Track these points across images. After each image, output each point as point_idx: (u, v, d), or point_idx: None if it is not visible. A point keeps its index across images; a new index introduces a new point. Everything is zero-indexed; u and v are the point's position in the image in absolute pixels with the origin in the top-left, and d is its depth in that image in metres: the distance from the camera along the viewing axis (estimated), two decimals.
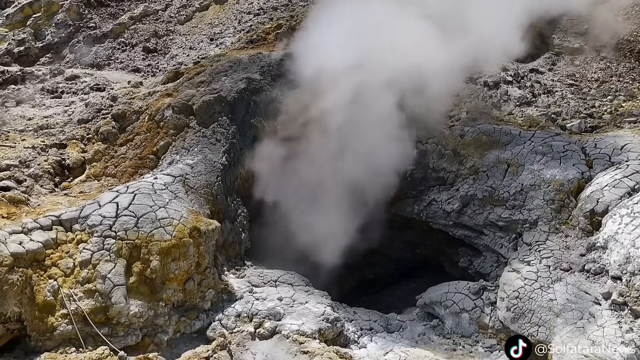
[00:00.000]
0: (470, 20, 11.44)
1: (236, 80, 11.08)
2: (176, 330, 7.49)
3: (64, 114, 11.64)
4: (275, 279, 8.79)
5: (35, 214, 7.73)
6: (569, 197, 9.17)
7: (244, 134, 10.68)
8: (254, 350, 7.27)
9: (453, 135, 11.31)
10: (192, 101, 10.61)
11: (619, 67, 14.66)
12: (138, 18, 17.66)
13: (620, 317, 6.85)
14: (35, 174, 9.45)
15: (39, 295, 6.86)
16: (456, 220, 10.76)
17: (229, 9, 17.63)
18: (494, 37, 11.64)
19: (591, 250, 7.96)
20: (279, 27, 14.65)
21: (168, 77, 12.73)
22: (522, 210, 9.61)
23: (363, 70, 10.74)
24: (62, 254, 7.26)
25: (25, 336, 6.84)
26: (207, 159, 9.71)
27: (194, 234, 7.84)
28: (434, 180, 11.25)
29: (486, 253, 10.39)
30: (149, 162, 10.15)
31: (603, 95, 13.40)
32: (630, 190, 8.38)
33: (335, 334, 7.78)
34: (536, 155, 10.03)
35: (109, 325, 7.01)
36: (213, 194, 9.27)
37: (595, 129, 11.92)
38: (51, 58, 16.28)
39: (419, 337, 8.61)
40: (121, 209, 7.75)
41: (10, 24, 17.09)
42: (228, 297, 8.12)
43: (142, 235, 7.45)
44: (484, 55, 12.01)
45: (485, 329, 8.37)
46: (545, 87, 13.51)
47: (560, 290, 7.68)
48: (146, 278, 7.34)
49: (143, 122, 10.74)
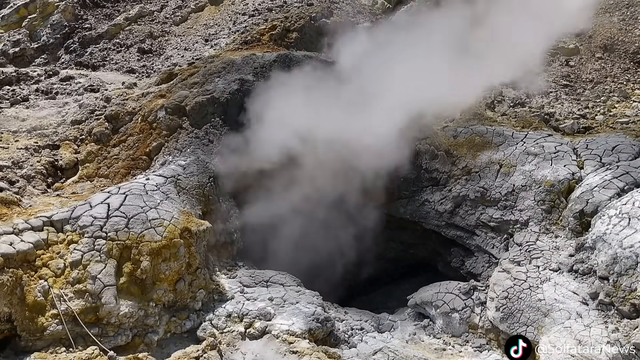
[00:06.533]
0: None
1: (229, 81, 11.13)
2: (167, 330, 7.52)
3: (57, 114, 11.67)
4: (267, 279, 8.81)
5: (26, 215, 7.76)
6: (559, 197, 9.22)
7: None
8: (243, 350, 7.30)
9: (446, 136, 11.35)
10: (185, 102, 10.65)
11: (614, 68, 14.72)
12: (133, 19, 17.70)
13: (607, 317, 6.89)
14: (27, 175, 9.48)
15: (29, 295, 6.90)
16: (448, 221, 10.80)
17: (224, 10, 17.69)
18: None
19: (580, 250, 8.01)
20: (274, 28, 14.73)
21: (162, 78, 12.77)
22: (514, 210, 9.66)
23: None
24: (52, 255, 7.29)
25: (15, 336, 6.87)
26: (200, 160, 9.75)
27: (184, 234, 7.88)
28: (427, 180, 11.29)
29: (478, 253, 10.43)
30: (141, 163, 10.19)
31: (597, 97, 13.44)
32: (619, 191, 8.43)
33: (325, 333, 7.80)
34: (528, 156, 10.09)
35: (99, 326, 7.04)
36: (205, 195, 9.30)
37: (588, 129, 11.96)
38: (46, 59, 16.33)
39: (409, 336, 8.64)
40: (112, 210, 7.79)
41: (5, 24, 17.12)
42: (219, 297, 8.14)
43: (133, 235, 7.49)
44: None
45: (475, 329, 8.40)
46: (539, 87, 13.54)
47: (549, 290, 7.72)
48: (136, 278, 7.37)
49: (136, 123, 10.78)
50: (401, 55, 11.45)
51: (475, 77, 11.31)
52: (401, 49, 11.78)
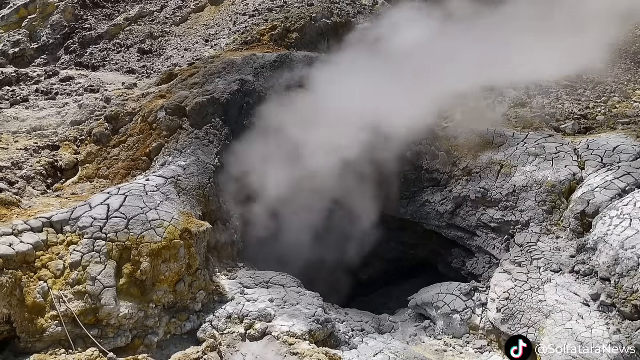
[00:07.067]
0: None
1: (229, 81, 11.10)
2: (166, 331, 7.50)
3: (57, 115, 11.64)
4: (267, 280, 8.78)
5: (26, 216, 7.73)
6: (560, 198, 9.20)
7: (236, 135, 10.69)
8: (243, 352, 7.28)
9: (447, 136, 11.33)
10: (185, 102, 10.63)
11: (614, 68, 14.70)
12: (133, 19, 17.69)
13: (608, 318, 6.86)
14: (27, 176, 9.45)
15: (28, 296, 6.87)
16: (449, 222, 10.79)
17: (224, 10, 17.67)
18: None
19: (581, 251, 7.98)
20: (274, 28, 14.70)
21: (162, 79, 12.75)
22: (514, 211, 9.64)
23: None
24: (52, 256, 7.25)
25: (14, 337, 6.84)
26: (200, 161, 9.73)
27: (184, 235, 7.85)
28: (427, 181, 11.28)
29: (479, 254, 10.41)
30: (141, 164, 10.16)
31: (597, 97, 13.41)
32: (620, 192, 8.40)
33: (325, 335, 7.78)
34: (529, 156, 10.07)
35: (98, 327, 7.02)
36: (205, 195, 9.28)
37: (589, 130, 11.93)
38: (46, 59, 16.32)
39: (410, 337, 8.63)
40: (112, 211, 7.76)
41: (5, 25, 17.11)
42: (219, 298, 8.12)
43: (132, 236, 7.46)
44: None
45: (475, 330, 8.38)
46: (540, 87, 13.51)
47: (550, 291, 7.70)
48: (136, 279, 7.34)
49: (136, 123, 10.75)
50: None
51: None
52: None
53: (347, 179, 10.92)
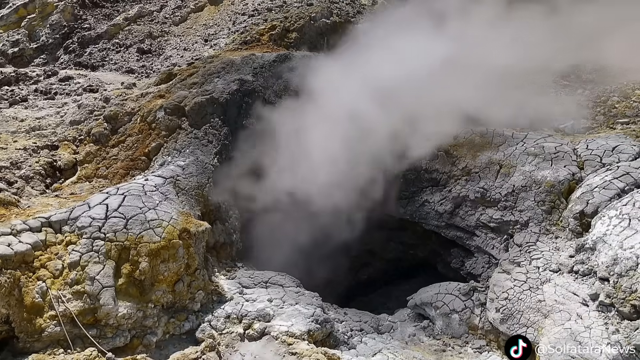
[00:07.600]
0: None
1: (228, 81, 11.10)
2: (165, 331, 7.49)
3: (56, 115, 11.64)
4: (266, 280, 8.78)
5: (24, 216, 7.72)
6: (559, 198, 9.19)
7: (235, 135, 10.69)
8: (242, 352, 7.27)
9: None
10: (184, 102, 10.62)
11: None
12: (133, 19, 17.68)
13: (607, 318, 6.85)
14: (26, 176, 9.44)
15: (27, 296, 6.86)
16: (448, 222, 10.78)
17: (223, 10, 17.66)
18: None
19: (580, 251, 7.97)
20: (273, 28, 14.70)
21: (161, 79, 12.75)
22: (514, 211, 9.62)
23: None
24: (51, 256, 7.25)
25: (13, 338, 6.84)
26: (199, 161, 9.73)
27: (183, 235, 7.85)
28: (426, 181, 11.27)
29: (478, 254, 10.40)
30: (140, 164, 10.16)
31: (597, 97, 13.40)
32: (619, 192, 8.38)
33: (324, 335, 7.78)
34: (528, 156, 10.05)
35: (97, 327, 7.01)
36: (204, 196, 9.28)
37: (588, 130, 11.92)
38: (45, 59, 16.30)
39: (409, 337, 8.62)
40: (111, 211, 7.75)
41: (4, 25, 17.11)
42: (218, 298, 8.11)
43: (131, 236, 7.45)
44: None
45: (475, 330, 8.37)
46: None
47: (549, 291, 7.68)
48: (135, 279, 7.34)
49: (135, 123, 10.75)
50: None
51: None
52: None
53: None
